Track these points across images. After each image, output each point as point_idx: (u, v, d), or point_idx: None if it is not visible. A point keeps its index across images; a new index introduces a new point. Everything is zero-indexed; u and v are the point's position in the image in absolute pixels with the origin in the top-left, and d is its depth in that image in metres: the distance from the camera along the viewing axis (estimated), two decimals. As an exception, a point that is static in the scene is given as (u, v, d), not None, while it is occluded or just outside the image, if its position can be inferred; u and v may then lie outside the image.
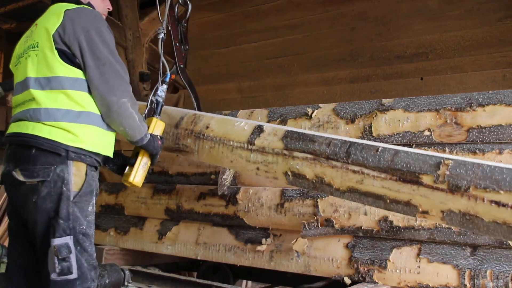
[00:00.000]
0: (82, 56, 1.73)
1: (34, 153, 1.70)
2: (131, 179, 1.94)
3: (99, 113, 1.79)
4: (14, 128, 1.80)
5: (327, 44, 4.19)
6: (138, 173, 1.96)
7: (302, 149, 1.80)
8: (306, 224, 2.25)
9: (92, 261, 1.76)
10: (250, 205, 2.50)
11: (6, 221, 4.92)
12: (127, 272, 2.46)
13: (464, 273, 1.92)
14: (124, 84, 1.81)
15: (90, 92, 1.77)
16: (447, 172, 1.45)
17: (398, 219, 2.07)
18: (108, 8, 2.05)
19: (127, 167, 1.99)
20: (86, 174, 1.76)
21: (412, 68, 3.77)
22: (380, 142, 2.19)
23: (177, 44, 2.63)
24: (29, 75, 1.75)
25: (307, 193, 2.34)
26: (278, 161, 1.86)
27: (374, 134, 2.24)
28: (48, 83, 1.73)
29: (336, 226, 2.21)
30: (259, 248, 2.44)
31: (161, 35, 2.31)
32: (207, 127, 2.11)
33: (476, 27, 3.55)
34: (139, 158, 1.97)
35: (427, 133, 2.12)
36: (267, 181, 2.53)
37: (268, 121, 2.56)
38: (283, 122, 2.53)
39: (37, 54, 1.76)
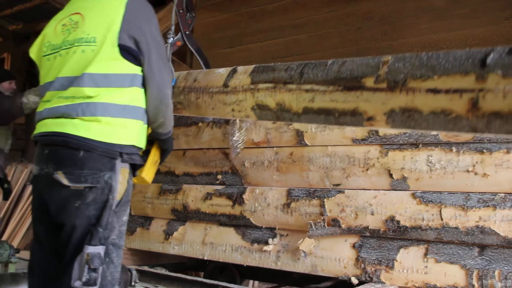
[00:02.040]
0: (149, 52, 1.72)
1: (82, 156, 1.60)
2: (144, 174, 1.91)
3: (144, 107, 1.77)
4: (54, 126, 1.66)
5: (332, 43, 4.18)
6: (150, 170, 1.94)
7: (265, 80, 1.77)
8: (312, 224, 2.25)
9: (116, 273, 1.68)
10: (256, 205, 2.50)
11: (13, 221, 4.95)
12: (134, 272, 2.48)
13: (472, 273, 1.91)
14: (171, 75, 1.91)
15: (142, 86, 1.75)
16: (386, 70, 1.37)
17: (405, 218, 2.07)
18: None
19: None
20: (127, 182, 1.72)
21: (418, 67, 3.76)
22: (387, 142, 2.19)
23: (181, 11, 2.59)
24: (86, 71, 1.65)
25: (314, 193, 2.34)
26: (246, 97, 1.83)
27: (380, 134, 2.23)
28: (106, 80, 1.66)
29: (343, 226, 2.21)
30: (265, 248, 2.44)
31: (170, 40, 2.31)
32: (195, 80, 2.10)
33: (483, 25, 3.53)
34: (152, 154, 1.95)
35: (434, 132, 2.11)
36: (273, 181, 2.53)
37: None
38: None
39: (93, 49, 1.66)
